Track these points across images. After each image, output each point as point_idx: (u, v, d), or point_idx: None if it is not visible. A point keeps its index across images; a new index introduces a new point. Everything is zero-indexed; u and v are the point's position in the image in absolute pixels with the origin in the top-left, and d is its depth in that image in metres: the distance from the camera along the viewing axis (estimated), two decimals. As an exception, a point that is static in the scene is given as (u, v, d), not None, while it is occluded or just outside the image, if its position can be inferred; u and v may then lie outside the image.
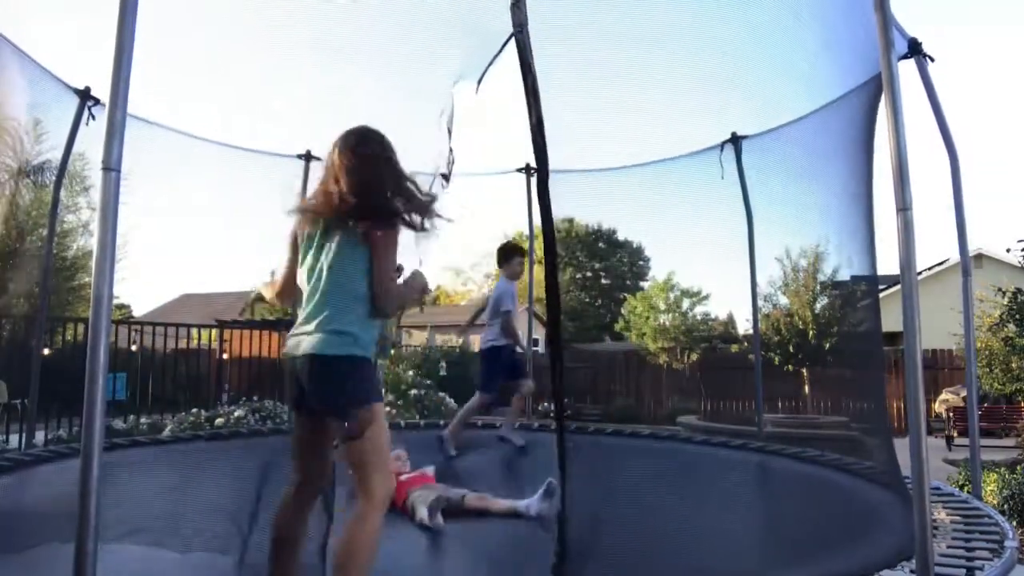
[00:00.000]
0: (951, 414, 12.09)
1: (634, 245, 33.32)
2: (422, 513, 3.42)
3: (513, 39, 2.08)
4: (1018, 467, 7.30)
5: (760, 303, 6.40)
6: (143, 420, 9.77)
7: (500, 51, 3.24)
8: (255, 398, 9.75)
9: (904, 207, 2.08)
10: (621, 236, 31.89)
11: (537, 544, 2.03)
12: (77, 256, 15.31)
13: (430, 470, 4.01)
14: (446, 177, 3.95)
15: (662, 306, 18.08)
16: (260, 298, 2.71)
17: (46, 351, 8.08)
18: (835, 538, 2.84)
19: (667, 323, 17.71)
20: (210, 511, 3.08)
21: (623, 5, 3.50)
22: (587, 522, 2.24)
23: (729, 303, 20.46)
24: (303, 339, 2.09)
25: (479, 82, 3.48)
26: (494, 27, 2.49)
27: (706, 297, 17.89)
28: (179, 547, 2.71)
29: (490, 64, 3.41)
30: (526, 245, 6.39)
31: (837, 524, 3.12)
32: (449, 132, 3.70)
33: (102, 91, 4.51)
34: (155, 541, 2.77)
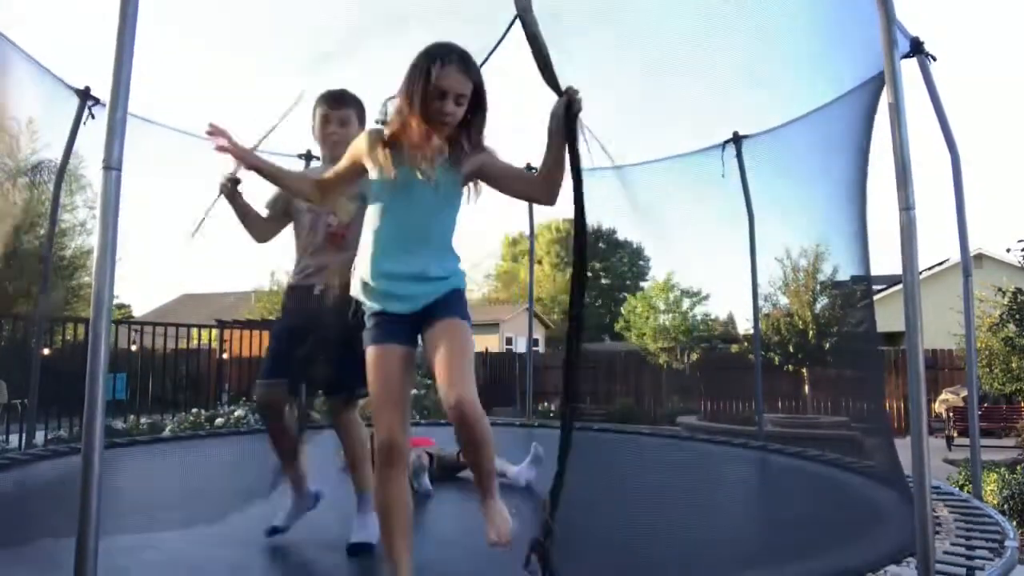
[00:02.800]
0: (951, 414, 12.10)
1: (634, 245, 33.34)
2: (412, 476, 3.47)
3: (518, 20, 2.06)
4: (1018, 467, 7.30)
5: (760, 303, 6.39)
6: (143, 420, 9.77)
7: (504, 35, 3.23)
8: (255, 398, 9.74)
9: (906, 206, 2.08)
10: (621, 236, 31.90)
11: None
12: (75, 256, 15.31)
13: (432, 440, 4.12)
14: None
15: (662, 306, 18.09)
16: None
17: (46, 351, 8.07)
18: (837, 537, 2.84)
19: (667, 323, 17.72)
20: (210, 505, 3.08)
21: (622, 4, 3.50)
22: (579, 508, 2.27)
23: (729, 303, 20.49)
24: None
25: (482, 63, 3.46)
26: (499, 17, 2.47)
27: (706, 297, 17.91)
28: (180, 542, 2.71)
29: (493, 50, 3.40)
30: (526, 245, 6.39)
31: (839, 524, 3.12)
32: None
33: (102, 91, 4.51)
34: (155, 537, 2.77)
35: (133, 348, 11.64)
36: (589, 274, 2.39)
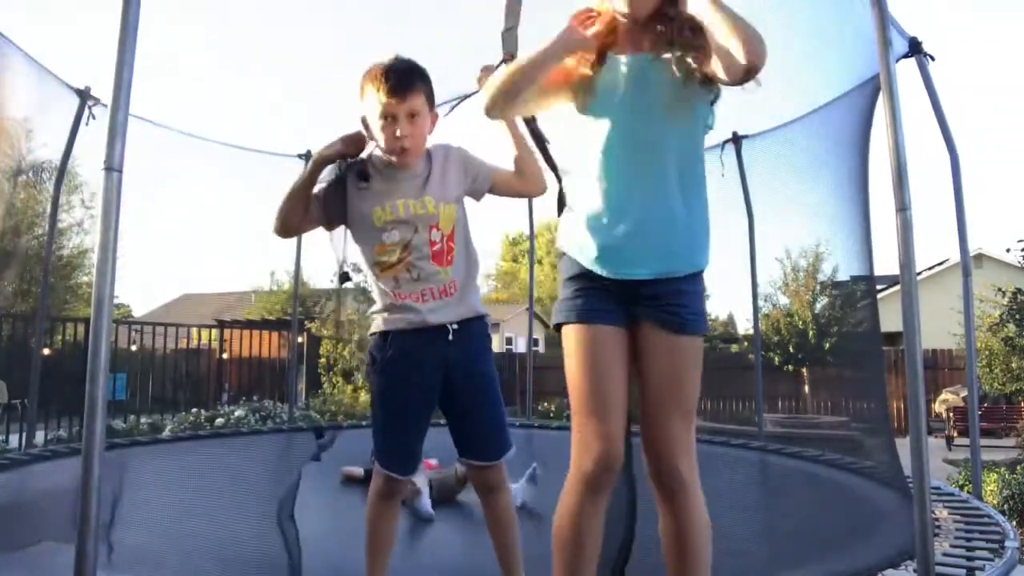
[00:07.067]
0: (951, 414, 12.09)
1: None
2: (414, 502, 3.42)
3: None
4: (1018, 467, 7.29)
5: (760, 303, 6.39)
6: (143, 420, 9.77)
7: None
8: (255, 398, 9.76)
9: (903, 207, 2.08)
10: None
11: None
12: (73, 255, 15.30)
13: (433, 460, 4.03)
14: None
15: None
16: None
17: (46, 351, 8.08)
18: (837, 538, 2.84)
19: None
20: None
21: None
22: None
23: (729, 303, 20.48)
24: None
25: (451, 109, 3.55)
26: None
27: (706, 297, 17.89)
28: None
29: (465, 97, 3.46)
30: (526, 245, 6.39)
31: (839, 524, 3.12)
32: None
33: (102, 91, 4.51)
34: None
35: (133, 348, 11.65)
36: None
